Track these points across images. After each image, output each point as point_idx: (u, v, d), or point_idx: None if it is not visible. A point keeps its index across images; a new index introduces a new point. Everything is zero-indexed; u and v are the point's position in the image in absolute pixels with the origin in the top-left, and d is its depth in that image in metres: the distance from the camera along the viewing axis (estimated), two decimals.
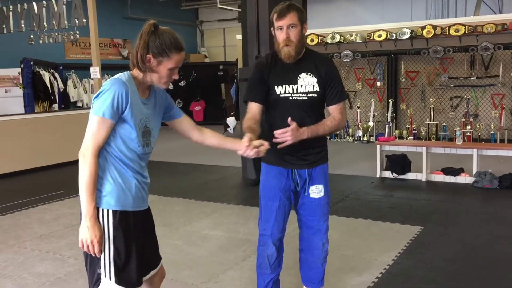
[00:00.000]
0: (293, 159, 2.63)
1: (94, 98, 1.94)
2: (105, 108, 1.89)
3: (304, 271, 2.91)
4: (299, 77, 2.59)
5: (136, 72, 2.00)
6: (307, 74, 2.60)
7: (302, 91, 2.58)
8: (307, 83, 2.59)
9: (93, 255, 1.94)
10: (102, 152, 1.95)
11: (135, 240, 2.01)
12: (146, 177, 2.10)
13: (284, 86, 2.58)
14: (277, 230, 2.71)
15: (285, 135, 2.40)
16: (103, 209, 1.96)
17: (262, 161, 2.74)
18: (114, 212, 1.96)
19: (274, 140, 2.43)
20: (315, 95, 2.60)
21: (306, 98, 2.58)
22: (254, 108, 2.61)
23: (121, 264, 1.96)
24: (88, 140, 1.91)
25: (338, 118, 2.64)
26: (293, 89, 2.58)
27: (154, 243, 2.22)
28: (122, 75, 1.97)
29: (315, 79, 2.60)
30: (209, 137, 2.30)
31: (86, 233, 1.91)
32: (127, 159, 1.98)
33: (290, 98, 2.57)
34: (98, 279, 1.97)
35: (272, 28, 2.59)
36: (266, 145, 2.29)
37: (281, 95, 2.58)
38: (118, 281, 1.96)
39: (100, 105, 1.89)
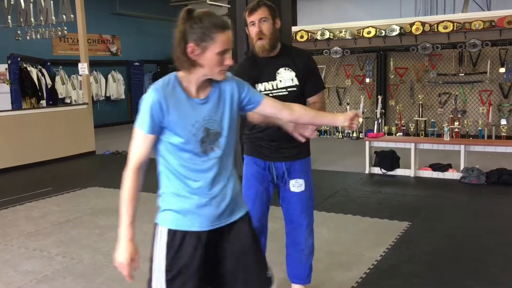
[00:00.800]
0: (269, 152, 2.68)
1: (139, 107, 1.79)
2: (142, 120, 1.72)
3: (290, 267, 2.93)
4: (278, 73, 2.62)
5: (185, 72, 1.76)
6: (285, 69, 2.63)
7: (281, 86, 2.62)
8: (286, 77, 2.62)
9: (126, 275, 1.77)
10: (160, 165, 1.80)
11: (194, 264, 1.76)
12: (220, 190, 1.80)
13: (263, 83, 2.62)
14: (254, 218, 2.74)
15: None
16: (158, 225, 1.80)
17: (244, 153, 2.82)
18: (169, 231, 1.77)
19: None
20: (295, 88, 2.64)
21: (287, 93, 2.61)
22: None
23: None
24: (131, 154, 1.76)
25: (320, 107, 2.67)
26: (272, 86, 2.62)
27: (247, 266, 1.85)
28: (161, 80, 1.77)
29: (293, 73, 2.63)
30: (302, 114, 2.03)
31: (118, 253, 1.75)
32: (183, 171, 1.75)
33: (270, 94, 2.58)
34: None
35: (246, 28, 2.63)
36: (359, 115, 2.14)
37: (261, 92, 2.59)
38: None
39: (138, 118, 1.73)
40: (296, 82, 2.63)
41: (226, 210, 1.82)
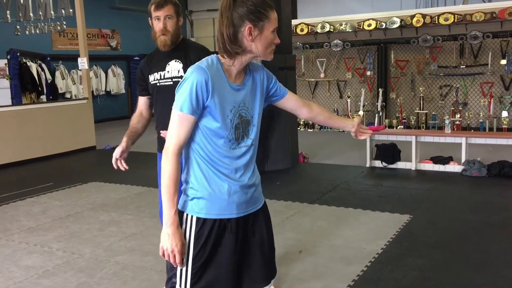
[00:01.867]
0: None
1: (176, 91, 1.71)
2: (183, 101, 1.66)
3: None
4: (168, 64, 2.72)
5: (237, 58, 1.72)
6: (175, 61, 2.72)
7: (168, 77, 2.70)
8: (173, 68, 2.71)
9: (174, 265, 1.74)
10: (188, 151, 1.75)
11: (224, 252, 1.76)
12: (248, 176, 1.80)
13: (154, 74, 2.74)
14: None
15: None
16: (187, 214, 1.76)
17: (158, 150, 2.86)
18: (198, 219, 1.74)
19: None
20: (180, 79, 2.65)
21: (171, 82, 2.68)
22: (140, 103, 2.84)
23: (199, 278, 1.75)
24: (170, 137, 1.69)
25: None
26: (160, 75, 2.71)
27: (263, 256, 1.87)
28: (205, 60, 1.72)
29: (181, 65, 2.71)
30: (318, 114, 2.06)
31: (166, 241, 1.69)
32: (216, 158, 1.73)
33: (158, 84, 2.72)
34: (173, 287, 1.82)
35: (149, 19, 2.72)
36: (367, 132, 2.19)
37: (151, 83, 2.74)
38: None
39: (178, 98, 1.68)
40: (182, 73, 2.69)
41: (252, 197, 1.83)
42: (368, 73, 9.98)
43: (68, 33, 11.88)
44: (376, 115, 9.36)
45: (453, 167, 6.15)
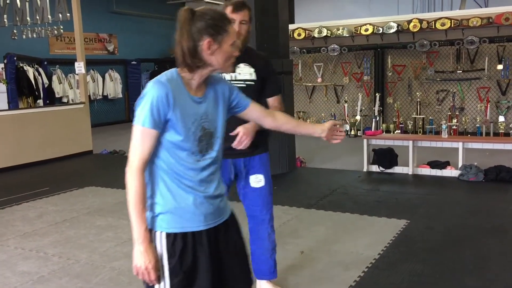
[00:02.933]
0: (228, 149, 2.61)
1: (135, 107, 1.71)
2: (145, 116, 1.65)
3: (255, 263, 2.96)
4: (238, 67, 2.72)
5: (196, 72, 1.74)
6: (245, 65, 2.73)
7: (240, 79, 2.72)
8: (245, 72, 2.73)
9: (150, 283, 1.72)
10: (151, 166, 1.72)
11: (200, 265, 1.74)
12: (213, 187, 1.79)
13: (223, 75, 2.67)
14: None
15: (242, 142, 2.49)
16: (155, 232, 1.73)
17: None
18: (168, 235, 1.71)
19: (233, 145, 2.50)
20: (253, 82, 2.74)
21: (244, 85, 2.70)
22: None
23: None
24: (132, 154, 1.68)
25: (279, 109, 2.73)
26: (231, 77, 2.71)
27: (240, 265, 1.90)
28: (164, 74, 1.73)
29: (252, 69, 2.74)
30: (284, 123, 2.07)
31: (139, 259, 1.67)
32: (180, 171, 1.72)
33: None
34: None
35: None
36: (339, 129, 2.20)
37: None
38: None
39: (139, 113, 1.67)
40: (254, 77, 2.72)
41: (219, 208, 1.82)
42: (365, 77, 10.00)
43: (65, 37, 11.86)
44: (373, 119, 9.37)
45: (450, 172, 6.15)
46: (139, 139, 1.68)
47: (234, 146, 2.51)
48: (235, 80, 2.71)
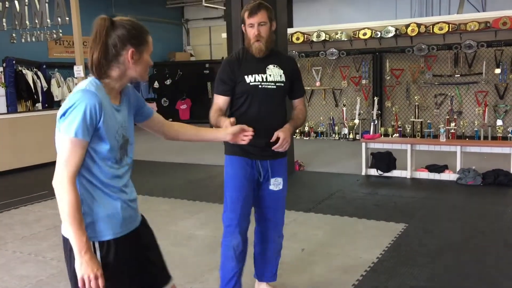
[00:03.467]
0: (257, 150, 2.71)
1: (61, 117, 1.67)
2: (77, 126, 1.62)
3: (259, 266, 2.98)
4: (268, 68, 2.74)
5: (106, 81, 1.75)
6: (274, 66, 2.76)
7: (271, 80, 2.72)
8: (275, 73, 2.75)
9: None
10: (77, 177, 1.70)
11: (128, 268, 1.79)
12: (131, 191, 1.86)
13: (253, 75, 2.71)
14: (244, 221, 2.78)
15: (283, 145, 2.59)
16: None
17: (226, 153, 2.83)
18: (101, 243, 1.72)
19: (274, 148, 2.61)
20: (282, 84, 2.76)
21: (275, 86, 2.73)
22: (220, 102, 2.73)
23: None
24: (62, 167, 1.64)
25: (304, 110, 2.89)
26: (262, 78, 2.71)
27: (158, 260, 1.96)
28: (89, 84, 1.70)
29: (281, 71, 2.76)
30: (183, 132, 2.12)
31: (86, 269, 1.63)
32: (106, 179, 1.73)
33: (260, 86, 2.71)
34: None
35: (243, 25, 2.74)
36: (248, 132, 2.26)
37: (251, 83, 2.70)
38: None
39: (70, 124, 1.63)
40: (284, 79, 2.75)
41: (136, 211, 1.90)
42: (364, 81, 10.02)
43: (64, 41, 11.88)
44: (372, 123, 9.38)
45: (448, 176, 6.16)
46: (70, 150, 1.64)
47: (275, 149, 2.60)
48: (266, 82, 2.70)
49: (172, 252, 3.92)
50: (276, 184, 2.80)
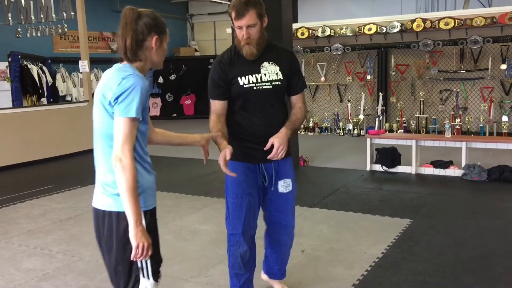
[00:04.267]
0: (259, 154, 2.55)
1: (117, 98, 1.80)
2: (136, 107, 1.80)
3: (269, 265, 2.94)
4: (262, 66, 2.56)
5: (135, 63, 1.92)
6: (269, 63, 2.57)
7: (266, 80, 2.55)
8: (270, 71, 2.57)
9: (144, 258, 1.87)
10: None
11: (158, 235, 2.01)
12: None
13: (247, 76, 2.54)
14: (248, 228, 2.66)
15: (279, 153, 2.43)
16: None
17: None
18: (145, 212, 1.90)
19: (269, 157, 2.46)
20: (279, 83, 2.59)
21: (271, 86, 2.56)
22: (218, 108, 2.59)
23: (156, 262, 1.96)
24: (123, 144, 1.79)
25: (304, 107, 2.68)
26: (257, 79, 2.54)
27: None
28: (130, 68, 1.88)
29: (277, 67, 2.58)
30: (161, 136, 2.25)
31: (141, 239, 1.81)
32: (144, 155, 1.94)
33: (254, 88, 2.54)
34: (137, 282, 1.92)
35: (232, 23, 2.53)
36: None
37: (244, 86, 2.53)
38: (155, 279, 1.95)
39: (129, 105, 1.79)
40: (280, 76, 2.58)
41: None
42: (369, 77, 9.99)
43: (69, 36, 11.90)
44: (376, 119, 9.37)
45: (453, 172, 6.15)
46: (130, 128, 1.81)
47: (270, 157, 2.44)
48: (261, 82, 2.53)
49: (177, 246, 3.93)
50: (285, 186, 2.68)
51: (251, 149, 2.59)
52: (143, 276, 1.91)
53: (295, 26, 9.81)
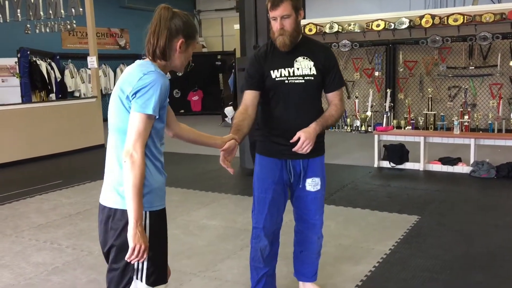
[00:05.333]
0: (287, 150, 2.52)
1: (136, 93, 1.78)
2: (154, 104, 1.77)
3: (298, 265, 2.91)
4: (296, 61, 2.55)
5: (158, 62, 1.90)
6: (303, 58, 2.55)
7: (298, 74, 2.54)
8: (304, 66, 2.54)
9: (140, 260, 1.81)
10: None
11: (165, 238, 1.96)
12: None
13: (280, 70, 2.54)
14: (270, 223, 2.66)
15: (304, 147, 2.41)
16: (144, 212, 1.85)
17: (256, 152, 2.70)
18: (151, 213, 1.86)
19: (294, 149, 2.43)
20: (312, 78, 2.55)
21: (303, 81, 2.54)
22: (248, 98, 2.56)
23: (153, 266, 1.88)
24: (135, 139, 1.76)
25: (340, 105, 2.62)
26: (289, 72, 2.53)
27: None
28: (152, 65, 1.86)
29: (312, 63, 2.55)
30: (186, 133, 2.21)
31: (139, 239, 1.76)
32: (158, 154, 1.90)
33: (286, 81, 2.53)
34: (129, 283, 1.88)
35: (268, 15, 2.53)
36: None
37: (276, 79, 2.53)
38: (150, 283, 1.88)
39: (147, 101, 1.76)
40: (314, 71, 2.54)
41: None
42: (376, 73, 9.95)
43: (78, 32, 11.95)
44: (384, 115, 9.34)
45: (462, 168, 6.12)
46: (145, 125, 1.78)
47: (295, 150, 2.42)
48: (293, 76, 2.52)
49: (185, 241, 3.96)
50: (313, 184, 2.65)
51: (280, 145, 2.56)
52: (137, 278, 1.86)
53: (303, 22, 9.75)
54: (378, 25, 9.58)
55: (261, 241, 2.68)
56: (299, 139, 2.42)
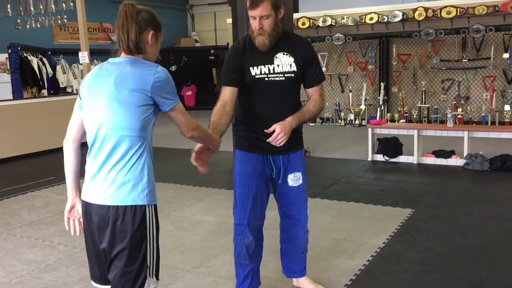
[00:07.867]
0: (267, 145, 2.50)
1: (161, 88, 1.83)
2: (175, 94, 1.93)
3: (285, 261, 2.90)
4: (276, 57, 2.50)
5: (141, 56, 1.93)
6: (283, 54, 2.51)
7: (278, 71, 2.49)
8: (284, 62, 2.50)
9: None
10: (144, 143, 1.88)
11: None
12: None
13: (259, 67, 2.49)
14: (254, 219, 2.64)
15: (278, 140, 2.38)
16: (145, 206, 1.87)
17: (236, 148, 2.67)
18: (155, 207, 1.93)
19: (268, 140, 2.41)
20: (292, 74, 2.52)
21: (283, 78, 2.50)
22: (226, 94, 2.50)
23: (158, 259, 1.93)
24: (190, 121, 1.96)
25: (319, 100, 2.59)
26: (269, 70, 2.49)
27: None
28: (144, 60, 1.91)
29: (292, 59, 2.51)
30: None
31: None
32: (151, 149, 1.95)
33: (266, 79, 2.49)
34: (143, 283, 1.87)
35: (247, 11, 2.48)
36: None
37: (256, 76, 2.48)
38: (158, 277, 1.94)
39: (174, 91, 1.90)
40: (294, 68, 2.51)
41: None
42: (370, 67, 9.94)
43: (69, 27, 11.84)
44: (378, 109, 9.34)
45: (455, 161, 6.13)
46: (184, 111, 1.93)
47: (269, 141, 2.39)
48: (273, 73, 2.48)
49: (178, 237, 3.93)
50: (295, 179, 2.65)
51: (260, 141, 2.54)
52: (149, 275, 1.88)
53: (296, 16, 9.74)
54: (371, 18, 9.55)
55: (246, 238, 2.65)
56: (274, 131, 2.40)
